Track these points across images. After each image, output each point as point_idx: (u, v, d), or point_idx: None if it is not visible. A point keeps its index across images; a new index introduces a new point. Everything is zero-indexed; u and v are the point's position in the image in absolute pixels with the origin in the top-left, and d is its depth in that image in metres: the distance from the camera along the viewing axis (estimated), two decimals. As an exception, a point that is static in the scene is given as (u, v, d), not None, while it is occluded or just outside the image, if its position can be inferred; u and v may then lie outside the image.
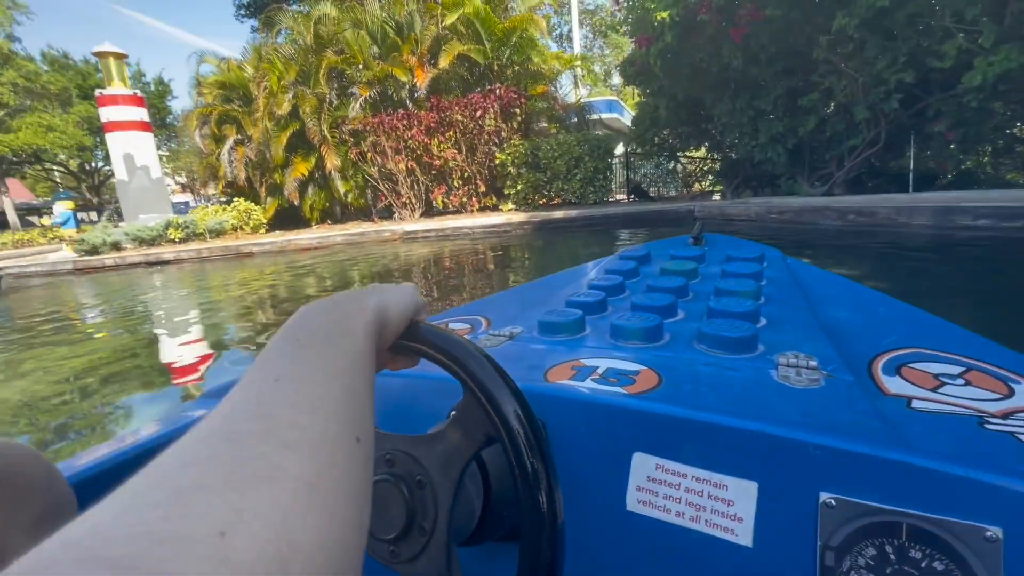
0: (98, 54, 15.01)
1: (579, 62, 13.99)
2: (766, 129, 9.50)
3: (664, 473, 0.47)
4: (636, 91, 13.51)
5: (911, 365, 0.68)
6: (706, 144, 13.28)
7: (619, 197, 14.33)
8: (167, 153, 31.19)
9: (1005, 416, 0.54)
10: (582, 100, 14.58)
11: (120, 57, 15.24)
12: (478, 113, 11.47)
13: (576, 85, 14.97)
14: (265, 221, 14.34)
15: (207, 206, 15.20)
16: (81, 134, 23.82)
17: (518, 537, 0.39)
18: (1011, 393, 0.60)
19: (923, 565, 0.37)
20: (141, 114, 15.20)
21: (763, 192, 11.11)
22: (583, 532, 0.50)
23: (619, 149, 15.66)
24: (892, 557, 0.38)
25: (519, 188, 11.86)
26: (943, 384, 0.62)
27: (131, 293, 8.12)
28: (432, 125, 11.76)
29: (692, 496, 0.46)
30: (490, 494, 0.47)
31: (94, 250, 12.46)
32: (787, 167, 9.87)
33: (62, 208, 14.74)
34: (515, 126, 11.94)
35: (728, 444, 0.46)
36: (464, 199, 12.48)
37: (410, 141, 11.95)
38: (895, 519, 0.38)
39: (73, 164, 28.22)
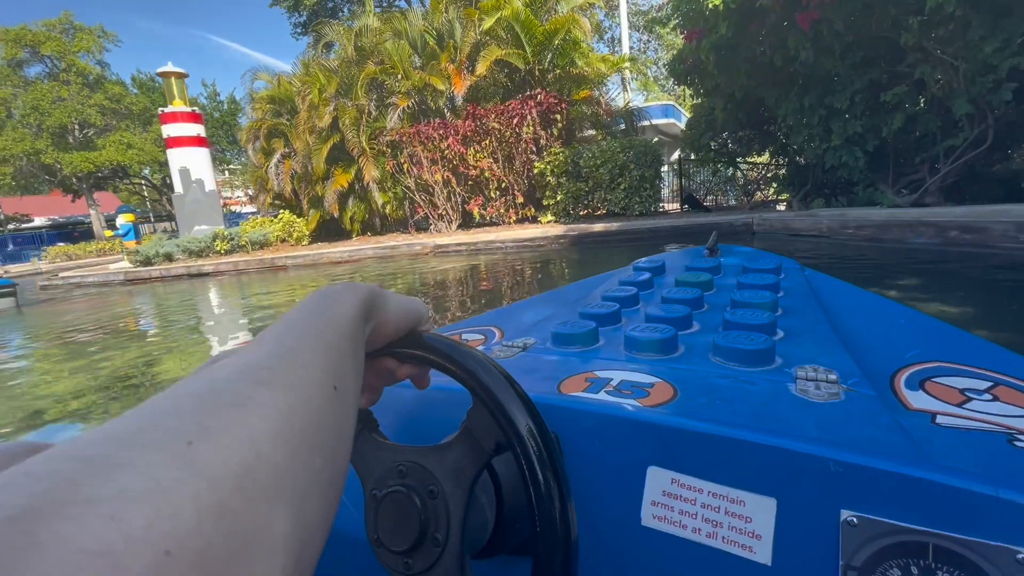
0: (162, 74, 15.83)
1: (627, 64, 13.09)
2: (840, 130, 8.22)
3: (680, 488, 0.46)
4: (690, 93, 12.42)
5: (935, 379, 0.66)
6: (769, 148, 11.98)
7: (671, 207, 13.24)
8: (239, 167, 33.11)
9: None
10: (631, 104, 13.65)
11: (181, 76, 16.00)
12: (515, 120, 10.87)
13: (625, 89, 14.05)
14: (307, 233, 14.46)
15: (257, 218, 15.58)
16: (157, 151, 25.57)
17: (531, 550, 0.39)
18: None
19: None
20: (198, 130, 15.86)
21: (837, 202, 9.74)
22: (597, 547, 0.49)
23: (677, 156, 14.56)
24: None
25: (559, 199, 11.13)
26: (969, 400, 0.61)
27: (161, 303, 8.17)
28: (468, 134, 11.29)
29: (708, 512, 0.45)
30: (503, 505, 0.46)
31: (147, 261, 12.96)
32: (866, 173, 8.51)
33: (123, 220, 15.55)
34: (555, 133, 11.24)
35: (746, 459, 0.44)
36: (501, 210, 11.90)
37: (446, 151, 11.54)
38: (921, 539, 0.37)
39: (156, 179, 30.47)
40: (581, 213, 11.36)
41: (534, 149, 11.29)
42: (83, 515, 0.13)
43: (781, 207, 11.87)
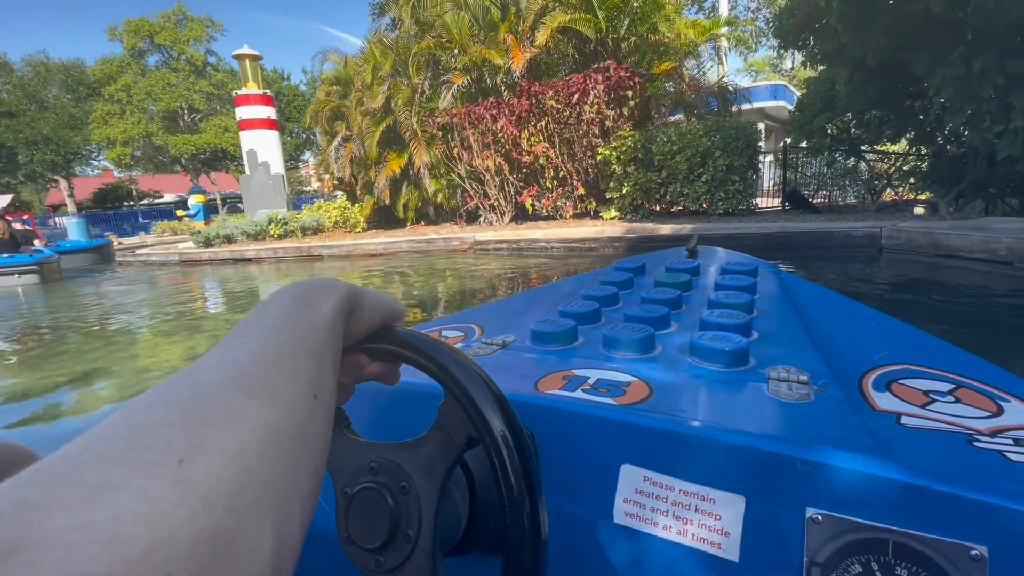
0: (237, 56, 16.03)
1: (723, 29, 10.84)
2: (1027, 105, 5.74)
3: (652, 486, 0.47)
4: (801, 61, 9.97)
5: (901, 381, 0.69)
6: (908, 133, 9.28)
7: (769, 204, 10.86)
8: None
9: (993, 434, 0.54)
10: (725, 80, 11.38)
11: (255, 59, 16.10)
12: (575, 97, 9.24)
13: (720, 61, 11.77)
14: (362, 220, 13.92)
15: (320, 202, 15.38)
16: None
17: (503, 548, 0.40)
18: (1000, 411, 0.61)
19: None
20: (269, 112, 15.91)
21: (1008, 206, 7.09)
22: (570, 544, 0.50)
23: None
24: (878, 574, 0.39)
25: (625, 191, 9.37)
26: (933, 401, 0.63)
27: (179, 289, 7.88)
28: (523, 114, 9.85)
29: (679, 509, 0.46)
30: (476, 502, 0.47)
31: (207, 242, 13.11)
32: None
33: (194, 201, 16.09)
34: (625, 113, 9.45)
35: (716, 458, 0.46)
36: (558, 203, 10.37)
37: (499, 134, 10.21)
38: (882, 536, 0.39)
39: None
40: (653, 209, 9.51)
41: (598, 132, 9.59)
42: (81, 542, 0.13)
43: (919, 209, 9.17)
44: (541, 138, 9.93)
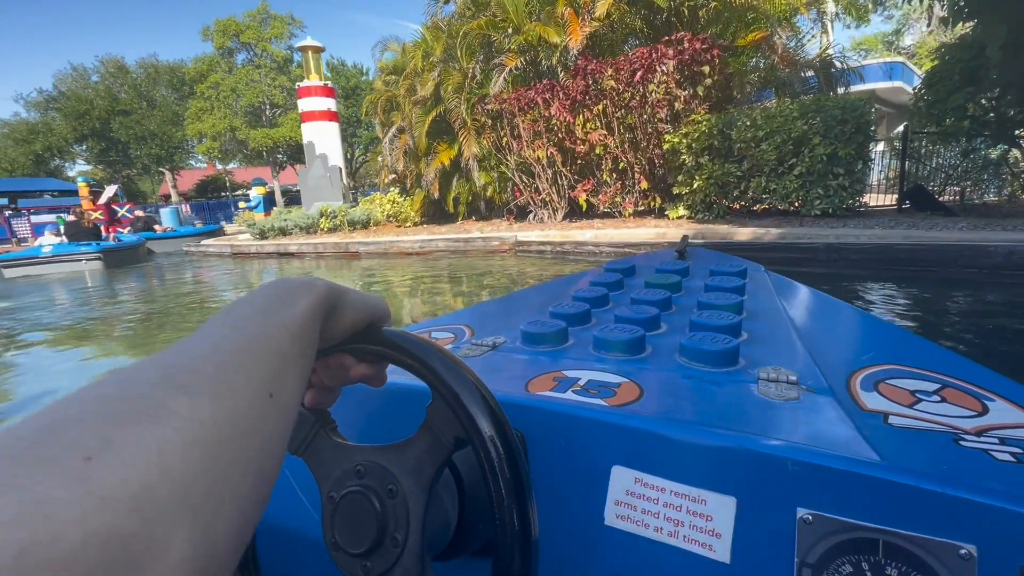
0: (300, 48, 16.07)
1: (830, -11, 8.95)
2: None
3: (643, 487, 0.47)
4: (941, 19, 7.92)
5: (888, 381, 0.69)
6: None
7: (882, 202, 8.83)
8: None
9: (979, 433, 0.55)
10: (830, 53, 9.42)
11: (318, 51, 16.04)
12: (638, 75, 7.88)
13: (825, 29, 9.82)
14: (413, 214, 13.37)
15: (376, 195, 15.09)
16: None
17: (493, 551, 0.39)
18: (985, 411, 0.61)
19: None
20: (329, 104, 15.81)
21: None
22: (560, 546, 0.49)
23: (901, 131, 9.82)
24: (868, 574, 0.39)
25: (696, 186, 7.91)
26: (919, 401, 0.63)
27: (205, 283, 7.65)
28: (578, 97, 8.64)
29: (671, 511, 0.46)
30: (465, 506, 0.46)
31: (262, 234, 13.16)
32: None
33: (255, 193, 16.38)
34: (700, 94, 7.95)
35: (707, 459, 0.45)
36: (616, 199, 9.07)
37: (552, 120, 9.07)
38: (872, 536, 0.39)
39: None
40: (730, 208, 7.96)
41: (666, 116, 8.17)
42: None
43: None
44: (598, 124, 8.67)
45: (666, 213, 8.63)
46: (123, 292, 8.22)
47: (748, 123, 7.25)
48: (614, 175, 9.01)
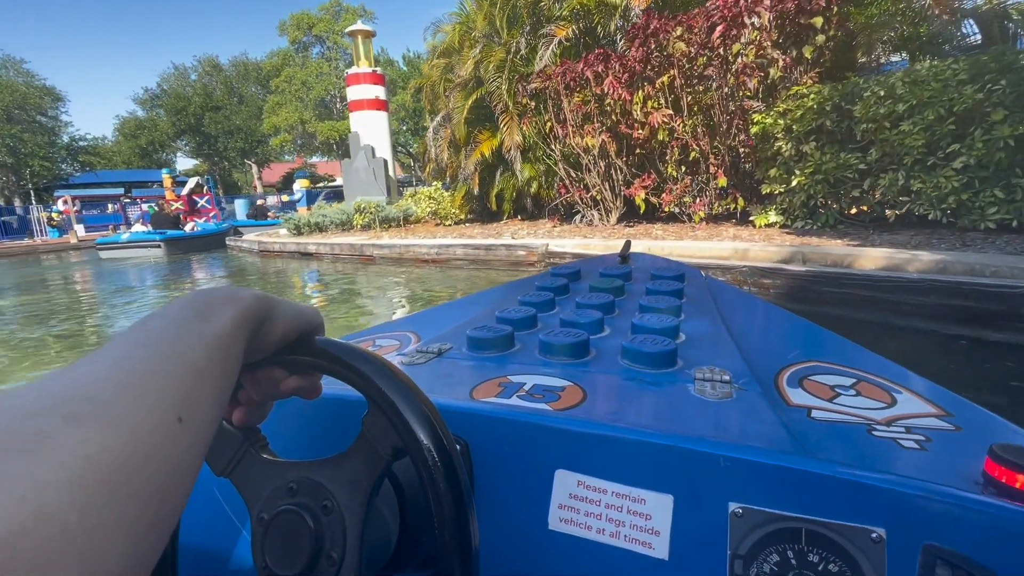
0: (350, 32, 15.24)
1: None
2: None
3: (586, 490, 0.48)
4: None
5: (811, 378, 0.74)
6: None
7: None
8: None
9: (889, 423, 0.60)
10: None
11: (368, 35, 15.13)
12: (716, 34, 5.84)
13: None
14: (455, 210, 12.02)
15: (422, 189, 13.96)
16: (393, 120, 27.24)
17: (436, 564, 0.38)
18: (894, 402, 0.67)
19: (820, 568, 0.40)
20: (377, 92, 14.86)
21: None
22: (506, 553, 0.50)
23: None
24: (793, 562, 0.40)
25: (795, 183, 5.77)
26: (838, 395, 0.68)
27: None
28: (637, 68, 6.72)
29: (612, 512, 0.46)
30: (406, 518, 0.46)
31: (298, 230, 12.46)
32: None
33: (299, 186, 15.79)
34: (808, 56, 5.77)
35: (646, 459, 0.47)
36: (685, 198, 7.06)
37: (606, 100, 7.22)
38: (795, 525, 0.41)
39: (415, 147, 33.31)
40: (847, 214, 5.74)
41: (755, 90, 6.06)
42: None
43: None
44: (662, 102, 6.71)
45: (751, 219, 6.52)
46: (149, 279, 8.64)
47: (882, 93, 5.01)
48: (682, 168, 7.00)
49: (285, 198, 17.11)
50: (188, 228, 15.14)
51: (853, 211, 5.76)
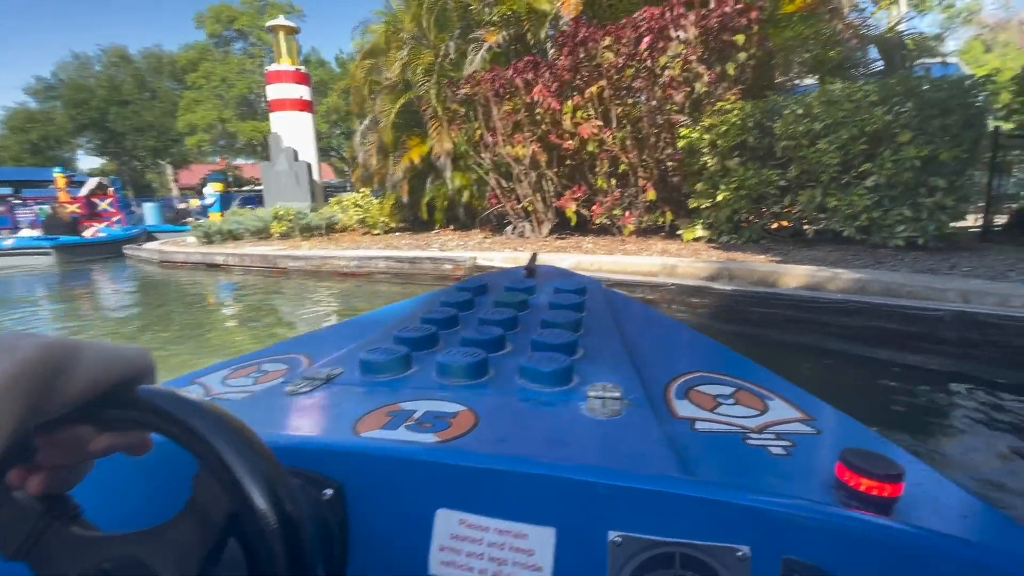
0: (272, 28, 14.27)
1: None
2: None
3: (467, 528, 0.46)
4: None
5: (697, 388, 0.78)
6: None
7: (970, 224, 6.51)
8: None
9: (761, 431, 0.64)
10: (901, 27, 7.19)
11: (291, 32, 14.21)
12: (643, 45, 5.77)
13: None
14: (384, 219, 11.40)
15: (354, 195, 13.17)
16: (322, 123, 25.94)
17: None
18: (766, 409, 0.71)
19: None
20: (301, 92, 13.95)
21: None
22: None
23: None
24: None
25: (720, 198, 5.78)
26: (719, 404, 0.72)
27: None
28: (566, 76, 6.56)
29: (495, 550, 0.45)
30: None
31: (208, 238, 11.35)
32: None
33: (210, 190, 14.50)
34: (731, 72, 5.83)
35: (529, 491, 0.45)
36: (615, 211, 6.95)
37: (536, 109, 7.00)
38: (670, 550, 0.41)
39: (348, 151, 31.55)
40: (768, 229, 5.82)
41: (683, 103, 6.05)
42: None
43: None
44: (592, 112, 6.58)
45: (679, 233, 6.50)
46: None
47: (800, 111, 5.09)
48: (612, 181, 6.90)
49: (194, 203, 15.59)
50: (89, 233, 13.52)
51: (775, 226, 5.85)
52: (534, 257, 1.50)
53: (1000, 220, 6.69)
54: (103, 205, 16.12)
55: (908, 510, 0.47)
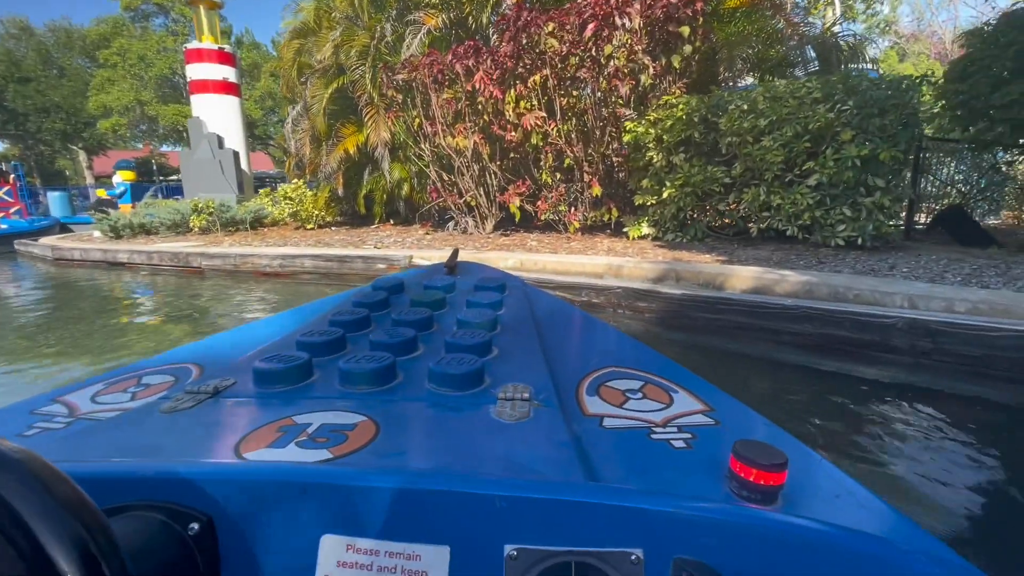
0: (192, 2, 13.04)
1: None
2: None
3: (356, 554, 0.43)
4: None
5: (607, 384, 0.79)
6: None
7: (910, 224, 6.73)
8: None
9: (665, 424, 0.65)
10: (836, 29, 7.32)
11: (213, 6, 13.03)
12: (587, 33, 5.50)
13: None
14: (318, 212, 10.64)
15: (285, 187, 12.22)
16: (256, 109, 24.27)
17: None
18: (671, 402, 0.73)
19: None
20: (225, 73, 12.81)
21: None
22: None
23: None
24: None
25: (666, 195, 5.62)
26: (628, 399, 0.73)
27: None
28: (509, 64, 6.19)
29: (385, 575, 0.43)
30: None
31: (116, 233, 10.17)
32: None
33: (119, 178, 13.10)
34: (676, 66, 5.66)
35: (422, 508, 0.43)
36: (560, 207, 6.68)
37: (478, 97, 6.59)
38: (566, 559, 0.40)
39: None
40: (712, 227, 5.71)
41: (628, 96, 5.83)
42: None
43: None
44: (536, 103, 6.25)
45: (625, 230, 6.31)
46: None
47: (744, 107, 4.97)
48: (557, 175, 6.61)
49: (100, 192, 14.00)
50: None
51: (719, 224, 5.76)
52: (455, 253, 1.46)
53: (921, 219, 6.98)
54: (-1, 193, 14.27)
55: (793, 496, 0.49)
